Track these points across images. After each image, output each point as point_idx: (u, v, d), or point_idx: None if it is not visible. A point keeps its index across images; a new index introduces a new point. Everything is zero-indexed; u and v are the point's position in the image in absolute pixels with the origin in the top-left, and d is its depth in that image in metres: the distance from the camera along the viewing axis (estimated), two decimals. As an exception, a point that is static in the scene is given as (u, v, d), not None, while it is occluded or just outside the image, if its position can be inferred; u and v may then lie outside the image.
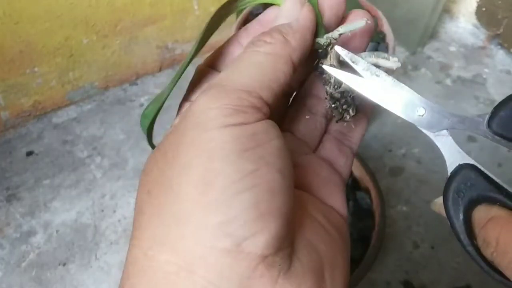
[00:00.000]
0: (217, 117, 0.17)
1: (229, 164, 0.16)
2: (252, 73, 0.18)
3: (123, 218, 0.67)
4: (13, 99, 0.74)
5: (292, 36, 0.20)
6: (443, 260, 0.63)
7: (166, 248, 0.16)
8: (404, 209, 0.67)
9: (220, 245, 0.15)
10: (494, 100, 0.83)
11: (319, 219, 0.20)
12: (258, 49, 0.19)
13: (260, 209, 0.16)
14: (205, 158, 0.16)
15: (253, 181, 0.16)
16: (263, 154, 0.17)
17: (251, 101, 0.17)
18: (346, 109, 0.22)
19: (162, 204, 0.17)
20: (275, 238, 0.16)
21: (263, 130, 0.17)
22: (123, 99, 0.82)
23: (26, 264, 0.63)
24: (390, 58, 0.21)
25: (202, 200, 0.16)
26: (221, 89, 0.18)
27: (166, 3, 0.76)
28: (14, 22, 0.65)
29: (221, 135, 0.16)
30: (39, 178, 0.71)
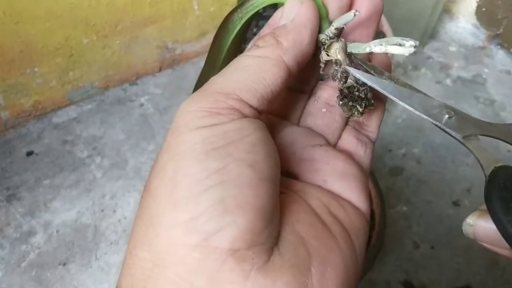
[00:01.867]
0: (191, 120, 0.17)
1: (196, 164, 0.17)
2: (234, 76, 0.19)
3: (123, 218, 0.67)
4: (13, 99, 0.74)
5: (284, 37, 0.20)
6: (443, 260, 0.63)
7: (144, 246, 0.17)
8: (404, 209, 0.67)
9: (189, 241, 0.16)
10: (494, 100, 0.83)
11: (320, 214, 0.20)
12: (249, 53, 0.20)
13: (226, 204, 0.16)
14: (176, 160, 0.17)
15: (220, 178, 0.16)
16: (231, 151, 0.17)
17: (229, 103, 0.18)
18: (354, 105, 0.21)
19: (143, 206, 0.18)
20: (245, 232, 0.16)
21: (237, 128, 0.17)
22: (123, 99, 0.82)
23: (26, 264, 0.63)
24: (404, 42, 0.20)
25: (171, 199, 0.17)
26: (200, 93, 0.18)
27: (166, 4, 0.76)
28: (14, 22, 0.65)
29: (192, 137, 0.17)
30: (39, 178, 0.71)
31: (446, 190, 0.70)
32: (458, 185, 0.70)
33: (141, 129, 0.77)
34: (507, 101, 0.82)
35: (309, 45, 0.21)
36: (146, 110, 0.80)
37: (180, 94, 0.82)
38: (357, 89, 0.21)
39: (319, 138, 0.23)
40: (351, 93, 0.21)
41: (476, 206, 0.23)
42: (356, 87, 0.21)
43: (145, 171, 0.72)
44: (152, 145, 0.75)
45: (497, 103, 0.82)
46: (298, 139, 0.22)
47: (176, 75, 0.86)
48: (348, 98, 0.21)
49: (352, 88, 0.21)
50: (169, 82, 0.84)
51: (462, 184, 0.70)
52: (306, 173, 0.22)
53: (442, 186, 0.70)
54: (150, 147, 0.75)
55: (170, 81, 0.85)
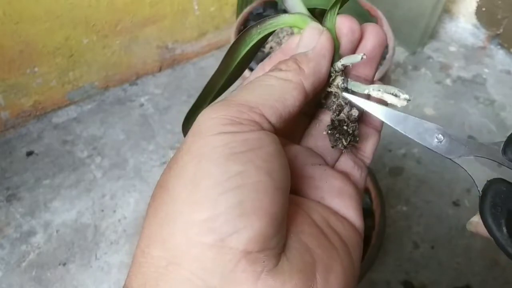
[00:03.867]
0: (214, 126, 0.18)
1: (217, 166, 0.17)
2: (258, 92, 0.20)
3: (123, 218, 0.67)
4: (13, 99, 0.74)
5: (306, 64, 0.21)
6: (443, 260, 0.63)
7: (158, 244, 0.17)
8: (404, 209, 0.67)
9: (205, 240, 0.17)
10: (494, 100, 0.83)
11: (322, 227, 0.21)
12: (272, 74, 0.21)
13: (244, 207, 0.17)
14: (197, 161, 0.17)
15: (239, 182, 0.17)
16: (252, 158, 0.18)
17: (251, 115, 0.19)
18: (339, 138, 0.23)
19: (158, 205, 0.18)
20: (259, 236, 0.17)
21: (257, 137, 0.18)
22: (123, 99, 0.82)
23: (26, 264, 0.63)
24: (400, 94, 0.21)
25: (190, 199, 0.17)
26: (225, 103, 0.19)
27: (166, 4, 0.76)
28: (14, 22, 0.65)
29: (214, 141, 0.18)
30: (39, 178, 0.71)
31: (446, 190, 0.70)
32: (458, 185, 0.70)
33: (141, 129, 0.77)
34: (507, 101, 0.82)
35: (325, 74, 0.22)
36: (146, 110, 0.80)
37: (180, 94, 0.82)
38: (347, 124, 0.22)
39: (318, 158, 0.24)
40: (340, 126, 0.22)
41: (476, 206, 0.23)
42: (346, 122, 0.22)
43: (145, 171, 0.72)
44: (152, 145, 0.75)
45: (497, 103, 0.82)
46: (300, 157, 0.24)
47: (176, 75, 0.86)
48: (337, 130, 0.22)
49: (342, 122, 0.22)
50: (169, 82, 0.84)
51: (462, 184, 0.70)
52: (306, 189, 0.23)
53: (442, 186, 0.70)
54: (150, 147, 0.75)
55: (170, 81, 0.85)
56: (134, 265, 0.18)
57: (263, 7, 0.64)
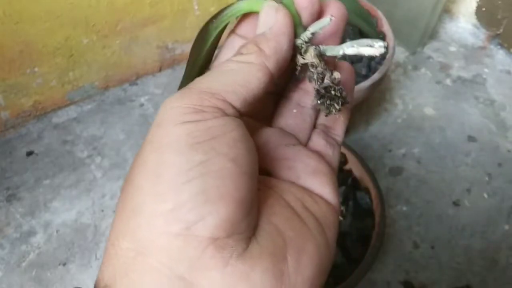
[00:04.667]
0: (176, 115, 0.18)
1: (179, 156, 0.17)
2: (220, 78, 0.20)
3: (123, 218, 0.67)
4: (13, 99, 0.74)
5: (266, 44, 0.21)
6: (443, 260, 0.63)
7: (126, 236, 0.18)
8: (404, 209, 0.67)
9: (171, 229, 0.17)
10: (494, 100, 0.83)
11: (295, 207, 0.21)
12: (234, 58, 0.21)
13: (208, 195, 0.17)
14: (159, 152, 0.18)
15: (202, 170, 0.17)
16: (215, 145, 0.18)
17: (213, 102, 0.19)
18: (331, 104, 0.22)
19: (125, 198, 0.18)
20: (225, 222, 0.17)
21: (219, 124, 0.18)
22: (123, 99, 0.82)
23: (26, 264, 0.63)
24: (374, 43, 0.21)
25: (154, 190, 0.17)
26: (186, 91, 0.19)
27: (166, 3, 0.76)
28: (14, 22, 0.65)
29: (176, 131, 0.18)
30: (39, 178, 0.71)
31: (446, 190, 0.70)
32: (458, 185, 0.70)
33: (141, 129, 0.77)
34: (507, 101, 0.82)
35: (287, 51, 0.22)
36: (146, 110, 0.80)
37: (180, 94, 0.82)
38: (334, 88, 0.22)
39: (291, 138, 0.24)
40: (328, 92, 0.22)
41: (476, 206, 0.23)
42: (332, 87, 0.22)
43: (145, 171, 0.72)
44: (152, 145, 0.75)
45: (497, 103, 0.82)
46: (272, 139, 0.24)
47: (176, 75, 0.86)
48: (326, 97, 0.22)
49: (329, 88, 0.22)
50: (169, 82, 0.84)
51: (462, 184, 0.70)
52: (280, 170, 0.23)
53: (442, 186, 0.70)
54: (150, 147, 0.75)
55: (170, 81, 0.85)
56: (105, 257, 0.19)
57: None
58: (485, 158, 0.73)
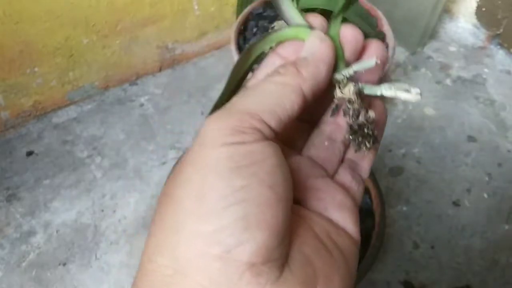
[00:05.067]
0: (217, 137, 0.19)
1: (221, 180, 0.18)
2: (257, 98, 0.20)
3: (123, 218, 0.67)
4: (13, 99, 0.74)
5: (304, 68, 0.22)
6: (443, 260, 0.63)
7: (165, 253, 0.18)
8: (404, 209, 0.67)
9: (211, 251, 0.17)
10: (494, 100, 0.83)
11: (323, 239, 0.21)
12: (271, 78, 0.21)
13: (248, 221, 0.17)
14: (201, 174, 0.18)
15: (243, 196, 0.18)
16: (255, 171, 0.18)
17: (252, 123, 0.19)
18: (363, 141, 0.23)
19: (164, 214, 0.19)
20: (262, 248, 0.17)
21: (259, 150, 0.19)
22: (123, 99, 0.82)
23: (26, 264, 0.63)
24: (411, 90, 0.22)
25: (197, 210, 0.18)
26: (226, 112, 0.20)
27: (166, 3, 0.76)
28: (14, 22, 0.65)
29: (217, 153, 0.18)
30: (39, 178, 0.71)
31: (446, 190, 0.70)
32: (458, 185, 0.70)
33: (141, 129, 0.77)
34: (507, 101, 0.82)
35: (324, 80, 0.22)
36: (146, 110, 0.80)
37: (180, 94, 0.82)
38: (367, 126, 0.23)
39: (320, 169, 0.25)
40: (361, 129, 0.23)
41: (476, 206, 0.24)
42: (366, 125, 0.23)
43: (145, 171, 0.72)
44: (152, 145, 0.75)
45: (497, 103, 0.82)
46: (303, 168, 0.24)
47: (176, 75, 0.86)
48: (358, 134, 0.23)
49: (363, 126, 0.23)
50: (169, 82, 0.85)
51: (462, 184, 0.70)
52: (310, 200, 0.23)
53: (442, 186, 0.70)
54: (150, 147, 0.75)
55: (170, 81, 0.85)
56: (140, 271, 0.19)
57: (263, 7, 0.64)
58: (485, 158, 0.73)
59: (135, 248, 0.64)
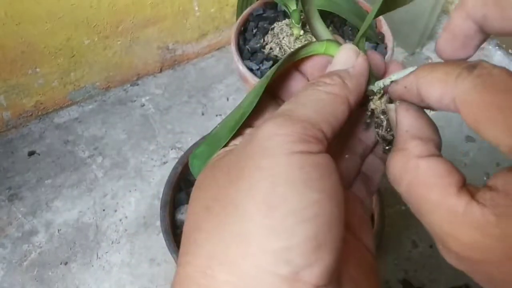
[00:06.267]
0: (284, 144, 0.17)
1: (294, 191, 0.16)
2: (314, 107, 0.19)
3: (124, 217, 0.68)
4: (15, 99, 0.75)
5: (349, 80, 0.21)
6: (442, 259, 0.63)
7: (226, 267, 0.16)
8: (403, 209, 0.68)
9: (279, 271, 0.16)
10: (492, 100, 0.83)
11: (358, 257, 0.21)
12: (319, 88, 0.21)
13: (318, 240, 0.16)
14: (271, 182, 0.17)
15: (315, 211, 0.16)
16: (325, 186, 0.17)
17: (315, 132, 0.18)
18: None
19: (223, 222, 0.17)
20: (328, 270, 0.17)
21: (326, 163, 0.18)
22: (124, 99, 0.82)
23: (28, 263, 0.63)
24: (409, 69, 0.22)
25: (266, 222, 0.16)
26: (287, 118, 0.18)
27: (167, 4, 0.77)
28: (15, 23, 0.66)
29: (288, 161, 0.17)
30: (41, 178, 0.72)
31: (444, 190, 0.70)
32: (456, 185, 0.70)
33: (142, 129, 0.78)
34: (505, 101, 0.83)
35: (363, 92, 0.22)
36: (147, 110, 0.80)
37: (181, 94, 0.83)
38: None
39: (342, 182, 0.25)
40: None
41: None
42: None
43: (146, 171, 0.72)
44: (153, 145, 0.75)
45: (496, 104, 0.82)
46: None
47: (176, 75, 0.86)
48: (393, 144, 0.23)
49: None
50: (170, 82, 0.85)
51: (461, 184, 0.71)
52: None
53: (440, 186, 0.71)
54: (151, 147, 0.75)
55: (170, 82, 0.85)
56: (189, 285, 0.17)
57: (263, 8, 0.64)
58: (483, 158, 0.74)
59: (136, 247, 0.65)
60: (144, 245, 0.65)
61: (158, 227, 0.65)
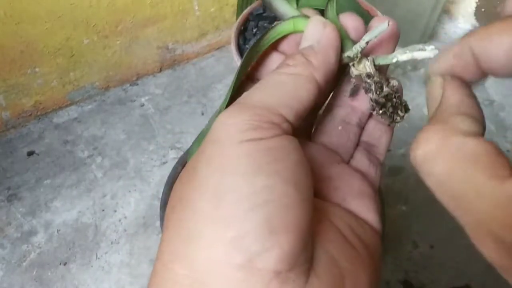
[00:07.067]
0: (234, 133, 0.17)
1: (242, 179, 0.16)
2: (272, 91, 0.19)
3: (124, 217, 0.67)
4: (14, 99, 0.74)
5: (314, 57, 0.20)
6: (442, 259, 0.63)
7: (183, 261, 0.16)
8: (403, 209, 0.68)
9: (233, 260, 0.16)
10: (493, 100, 0.83)
11: (346, 234, 0.20)
12: (281, 70, 0.20)
13: (272, 224, 0.16)
14: (219, 174, 0.16)
15: (267, 196, 0.16)
16: (278, 169, 0.17)
17: (269, 117, 0.18)
18: (394, 111, 0.22)
19: (180, 219, 0.17)
20: (288, 254, 0.16)
21: (280, 145, 0.17)
22: (124, 99, 0.82)
23: (27, 264, 0.63)
24: (425, 47, 0.21)
25: (215, 215, 0.16)
26: (240, 106, 0.18)
27: (166, 4, 0.77)
28: (15, 23, 0.65)
29: (236, 151, 0.17)
30: (40, 178, 0.71)
31: (445, 190, 0.70)
32: (457, 185, 0.70)
33: (142, 129, 0.77)
34: (506, 101, 0.83)
35: (335, 64, 0.21)
36: (147, 110, 0.80)
37: (180, 94, 0.82)
38: (394, 95, 0.22)
39: (334, 156, 0.23)
40: (389, 100, 0.22)
41: None
42: (393, 94, 0.22)
43: (146, 171, 0.72)
44: (152, 145, 0.75)
45: (496, 103, 0.82)
46: (317, 156, 0.23)
47: (176, 75, 0.86)
48: (387, 106, 0.22)
49: (390, 96, 0.22)
50: (170, 82, 0.85)
51: (462, 184, 0.70)
52: (326, 191, 0.22)
53: (441, 186, 0.70)
54: (150, 147, 0.75)
55: (170, 82, 0.85)
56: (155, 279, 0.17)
57: (263, 8, 0.64)
58: None
59: (136, 248, 0.64)
60: (144, 246, 0.64)
61: (157, 227, 0.65)
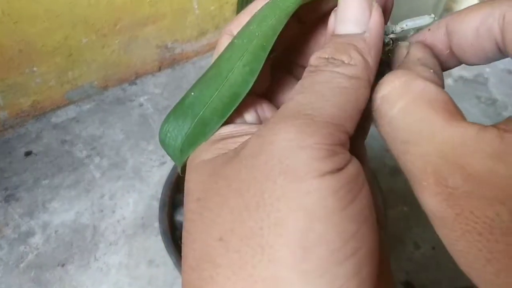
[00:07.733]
0: (310, 162, 0.14)
1: (332, 226, 0.14)
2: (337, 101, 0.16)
3: (122, 218, 0.67)
4: (12, 99, 0.74)
5: (368, 54, 0.17)
6: (443, 260, 0.62)
7: None
8: (404, 210, 0.67)
9: None
10: (495, 99, 0.82)
11: None
12: (337, 69, 0.16)
13: (362, 276, 0.14)
14: (303, 216, 0.14)
15: (355, 245, 0.14)
16: (360, 208, 0.15)
17: (339, 137, 0.15)
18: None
19: (247, 263, 0.14)
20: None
21: (355, 176, 0.15)
22: (123, 98, 0.82)
23: (24, 265, 0.62)
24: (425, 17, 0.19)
25: (302, 267, 0.14)
26: (310, 122, 0.15)
27: (166, 3, 0.76)
28: (13, 22, 0.65)
29: (319, 187, 0.14)
30: (38, 178, 0.71)
31: (447, 191, 0.69)
32: (459, 186, 0.70)
33: (141, 129, 0.77)
34: (508, 100, 0.82)
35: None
36: (146, 110, 0.80)
37: (180, 93, 0.82)
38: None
39: None
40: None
41: None
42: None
43: (145, 171, 0.72)
44: (151, 145, 0.75)
45: (499, 103, 0.82)
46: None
47: (175, 74, 0.85)
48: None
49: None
50: (169, 81, 0.84)
51: (463, 185, 0.70)
52: None
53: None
54: (149, 147, 0.74)
55: (169, 81, 0.84)
56: None
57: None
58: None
59: (134, 249, 0.64)
60: (143, 247, 0.64)
61: (156, 228, 0.64)
